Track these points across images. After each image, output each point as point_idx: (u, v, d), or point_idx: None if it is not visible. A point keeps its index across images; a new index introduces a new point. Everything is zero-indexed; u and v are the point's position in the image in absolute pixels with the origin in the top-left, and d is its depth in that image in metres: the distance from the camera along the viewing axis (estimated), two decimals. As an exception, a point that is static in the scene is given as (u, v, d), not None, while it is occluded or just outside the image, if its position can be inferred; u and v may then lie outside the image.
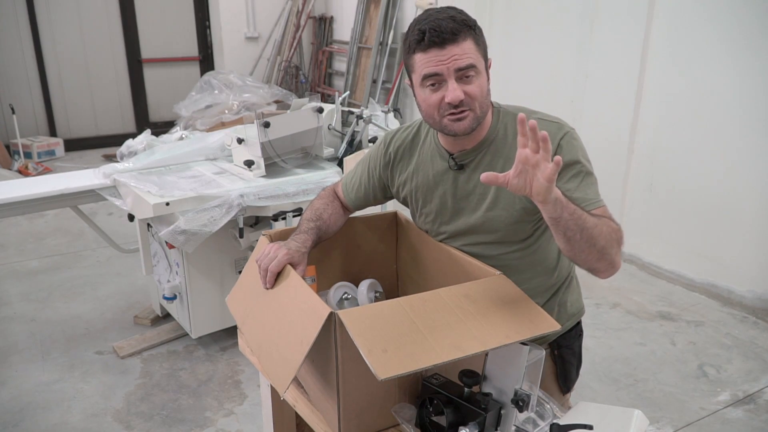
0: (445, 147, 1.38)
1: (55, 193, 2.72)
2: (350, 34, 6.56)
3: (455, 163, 1.36)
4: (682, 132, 3.46)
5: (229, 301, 1.41)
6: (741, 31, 3.11)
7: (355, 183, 1.55)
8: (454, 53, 1.20)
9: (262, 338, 1.23)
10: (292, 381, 1.08)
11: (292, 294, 1.21)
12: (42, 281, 3.64)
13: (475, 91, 1.23)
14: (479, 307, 1.12)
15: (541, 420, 1.15)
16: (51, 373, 2.75)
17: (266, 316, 1.25)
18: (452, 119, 1.25)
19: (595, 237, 1.13)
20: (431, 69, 1.22)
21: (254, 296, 1.31)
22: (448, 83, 1.22)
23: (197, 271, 2.73)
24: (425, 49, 1.21)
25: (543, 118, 1.31)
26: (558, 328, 1.10)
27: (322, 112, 2.87)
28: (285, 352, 1.12)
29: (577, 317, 1.54)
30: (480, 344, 1.03)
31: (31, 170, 5.58)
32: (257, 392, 2.53)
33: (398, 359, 0.97)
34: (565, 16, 4.03)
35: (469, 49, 1.22)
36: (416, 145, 1.45)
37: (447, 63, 1.20)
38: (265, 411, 1.58)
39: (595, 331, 3.07)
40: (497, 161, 1.33)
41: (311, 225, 1.43)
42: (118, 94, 6.84)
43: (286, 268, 1.27)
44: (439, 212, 1.42)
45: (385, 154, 1.49)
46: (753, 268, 3.24)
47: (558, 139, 1.27)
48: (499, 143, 1.33)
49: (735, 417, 2.46)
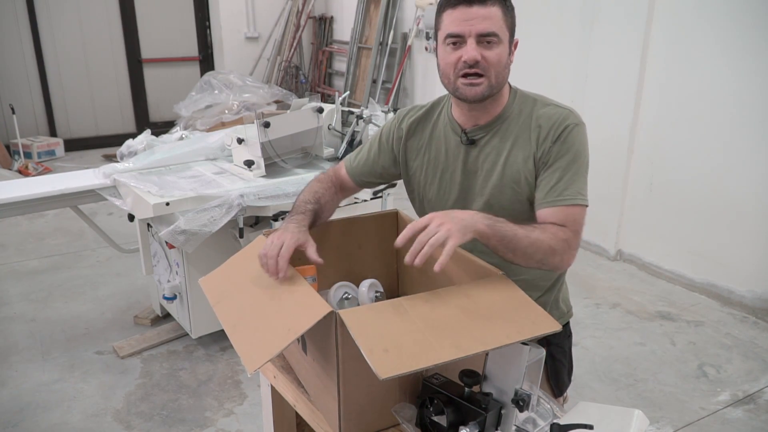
0: (458, 121, 1.40)
1: (55, 193, 2.72)
2: (350, 34, 6.56)
3: (467, 137, 1.38)
4: (682, 132, 3.46)
5: (203, 281, 1.37)
6: (740, 31, 3.11)
7: (363, 157, 1.55)
8: (479, 14, 1.23)
9: (237, 319, 1.20)
10: (264, 363, 1.05)
11: (293, 289, 1.20)
12: (42, 281, 3.64)
13: (493, 57, 1.26)
14: (480, 306, 1.12)
15: (541, 420, 1.15)
16: (51, 373, 2.75)
17: (249, 301, 1.22)
18: (466, 83, 1.28)
19: (531, 254, 1.20)
20: (455, 28, 1.25)
21: (235, 282, 1.29)
22: (467, 43, 1.24)
23: (197, 271, 2.73)
24: (455, 6, 1.25)
25: (557, 105, 1.35)
26: (559, 328, 1.10)
27: (322, 112, 2.87)
28: (266, 335, 1.10)
29: (567, 317, 1.57)
30: (481, 344, 1.03)
31: (31, 170, 5.58)
32: (257, 392, 2.53)
33: (399, 359, 0.97)
34: (565, 16, 4.04)
35: (496, 15, 1.25)
36: (429, 120, 1.47)
37: (471, 23, 1.23)
38: (265, 411, 1.58)
39: (595, 331, 3.07)
40: (506, 142, 1.35)
41: (309, 207, 1.41)
42: (118, 94, 6.84)
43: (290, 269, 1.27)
44: (448, 187, 1.44)
45: (398, 128, 1.50)
46: (753, 268, 3.24)
47: (564, 124, 1.31)
48: (511, 124, 1.36)
49: (735, 417, 2.46)
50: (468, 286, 1.18)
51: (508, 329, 1.06)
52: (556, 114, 1.33)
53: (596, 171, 1.31)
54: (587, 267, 3.84)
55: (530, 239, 1.20)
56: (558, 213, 1.28)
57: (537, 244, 1.20)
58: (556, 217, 1.28)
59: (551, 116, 1.32)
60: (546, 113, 1.33)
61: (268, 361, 1.05)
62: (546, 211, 1.29)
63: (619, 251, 3.95)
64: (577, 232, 1.27)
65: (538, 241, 1.20)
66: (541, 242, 1.21)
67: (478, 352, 1.02)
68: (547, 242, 1.21)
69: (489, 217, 1.19)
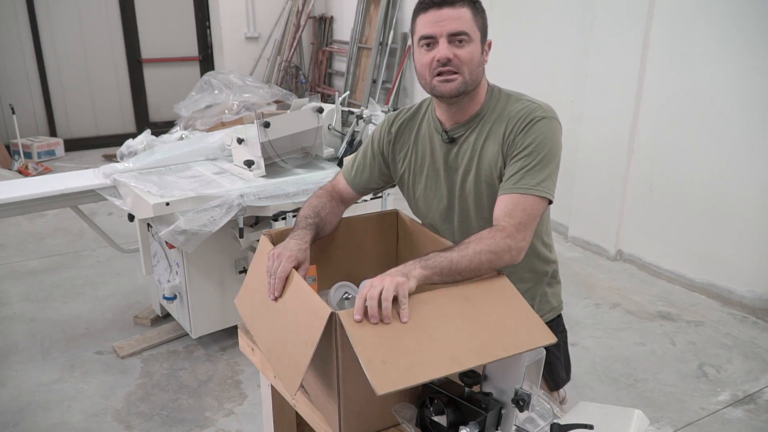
0: (440, 120, 1.45)
1: (55, 193, 2.71)
2: (350, 34, 6.56)
3: (447, 136, 1.43)
4: (682, 132, 3.46)
5: (237, 302, 1.41)
6: (740, 31, 3.11)
7: (359, 165, 1.59)
8: (448, 16, 1.29)
9: (270, 341, 1.23)
10: (301, 383, 1.08)
11: (295, 295, 1.21)
12: (42, 281, 3.64)
13: (465, 55, 1.31)
14: (479, 313, 1.12)
15: (541, 420, 1.15)
16: (51, 373, 2.75)
17: (272, 317, 1.25)
18: (441, 80, 1.32)
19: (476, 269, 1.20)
20: (427, 30, 1.31)
21: (261, 298, 1.31)
22: (439, 43, 1.30)
23: (197, 271, 2.73)
24: (425, 9, 1.31)
25: (530, 100, 1.39)
26: (554, 340, 1.11)
27: (322, 112, 2.87)
28: (293, 353, 1.12)
29: (557, 311, 1.60)
30: (478, 357, 1.04)
31: (31, 170, 5.58)
32: (257, 392, 2.53)
33: (397, 372, 0.98)
34: (565, 16, 4.03)
35: (465, 16, 1.30)
36: (415, 122, 1.52)
37: (441, 24, 1.29)
38: (265, 411, 1.58)
39: (595, 331, 3.07)
40: (481, 138, 1.40)
41: (309, 222, 1.44)
42: (118, 94, 6.84)
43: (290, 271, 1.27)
44: (433, 186, 1.48)
45: (388, 132, 1.54)
46: (753, 268, 3.24)
47: (531, 117, 1.33)
48: (486, 121, 1.40)
49: (735, 417, 2.46)
50: (467, 288, 1.18)
51: (504, 341, 1.07)
52: (525, 108, 1.36)
53: (596, 171, 1.32)
54: (587, 267, 3.84)
55: (467, 257, 1.19)
56: (506, 201, 1.30)
57: (476, 257, 1.19)
58: (506, 206, 1.29)
59: (520, 110, 1.36)
60: (516, 108, 1.37)
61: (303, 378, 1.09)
62: (500, 199, 1.32)
63: (619, 251, 3.95)
64: (520, 223, 1.26)
65: (475, 254, 1.19)
66: (478, 253, 1.20)
67: (475, 366, 1.04)
68: (486, 249, 1.21)
69: (420, 259, 1.18)
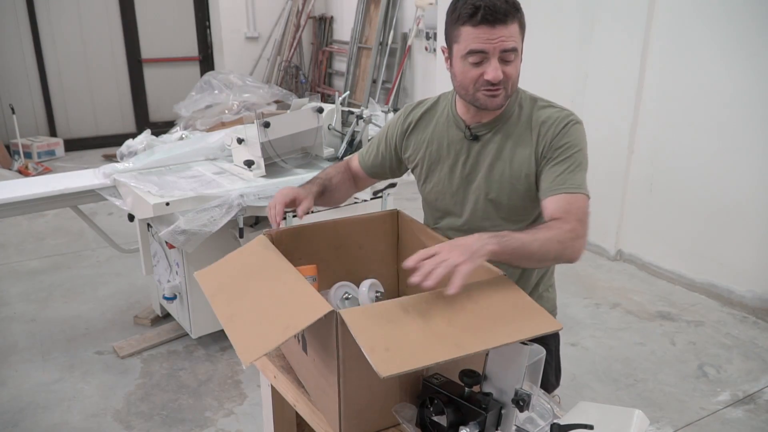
0: (462, 117, 1.45)
1: (55, 193, 2.71)
2: (350, 34, 6.57)
3: (471, 133, 1.44)
4: (682, 132, 3.46)
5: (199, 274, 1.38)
6: (740, 31, 3.11)
7: (372, 151, 1.63)
8: (502, 34, 1.26)
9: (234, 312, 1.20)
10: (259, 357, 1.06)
11: (292, 287, 1.19)
12: (42, 281, 3.64)
13: (513, 72, 1.32)
14: (481, 306, 1.12)
15: (541, 420, 1.15)
16: (51, 373, 2.75)
17: (247, 296, 1.23)
18: (487, 94, 1.33)
19: (543, 255, 1.23)
20: (479, 45, 1.27)
21: (233, 277, 1.31)
22: (490, 62, 1.28)
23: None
24: (476, 25, 1.27)
25: (556, 106, 1.42)
26: (560, 327, 1.11)
27: (322, 112, 2.87)
28: (263, 330, 1.10)
29: (552, 314, 1.58)
30: (481, 343, 1.03)
31: (31, 170, 5.58)
32: (257, 392, 2.53)
33: (400, 357, 0.97)
34: (565, 16, 4.03)
35: (515, 32, 1.29)
36: (433, 115, 1.53)
37: (495, 43, 1.27)
38: (265, 411, 1.58)
39: (595, 331, 3.07)
40: (507, 139, 1.41)
41: (318, 180, 1.53)
42: (118, 94, 6.84)
43: (288, 266, 1.27)
44: (449, 179, 1.49)
45: (403, 123, 1.56)
46: (753, 268, 3.24)
47: (565, 122, 1.37)
48: (512, 123, 1.42)
49: (735, 417, 2.46)
50: (469, 287, 1.18)
51: (508, 328, 1.07)
52: (556, 113, 1.40)
53: (596, 171, 1.32)
54: (587, 267, 3.84)
55: (538, 242, 1.21)
56: (561, 200, 1.31)
57: (546, 244, 1.22)
58: (560, 205, 1.31)
59: (551, 115, 1.39)
60: (546, 113, 1.40)
61: (263, 355, 1.06)
62: (550, 200, 1.33)
63: (619, 251, 3.95)
64: (581, 220, 1.29)
65: (546, 241, 1.22)
66: (548, 240, 1.22)
67: (479, 351, 1.02)
68: (555, 238, 1.23)
69: (495, 235, 1.19)
